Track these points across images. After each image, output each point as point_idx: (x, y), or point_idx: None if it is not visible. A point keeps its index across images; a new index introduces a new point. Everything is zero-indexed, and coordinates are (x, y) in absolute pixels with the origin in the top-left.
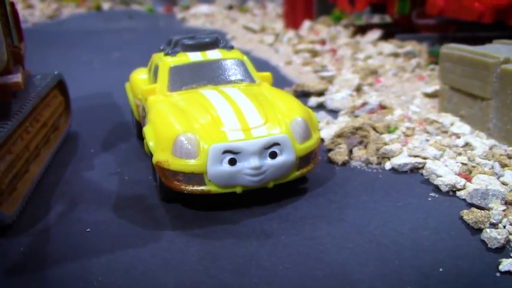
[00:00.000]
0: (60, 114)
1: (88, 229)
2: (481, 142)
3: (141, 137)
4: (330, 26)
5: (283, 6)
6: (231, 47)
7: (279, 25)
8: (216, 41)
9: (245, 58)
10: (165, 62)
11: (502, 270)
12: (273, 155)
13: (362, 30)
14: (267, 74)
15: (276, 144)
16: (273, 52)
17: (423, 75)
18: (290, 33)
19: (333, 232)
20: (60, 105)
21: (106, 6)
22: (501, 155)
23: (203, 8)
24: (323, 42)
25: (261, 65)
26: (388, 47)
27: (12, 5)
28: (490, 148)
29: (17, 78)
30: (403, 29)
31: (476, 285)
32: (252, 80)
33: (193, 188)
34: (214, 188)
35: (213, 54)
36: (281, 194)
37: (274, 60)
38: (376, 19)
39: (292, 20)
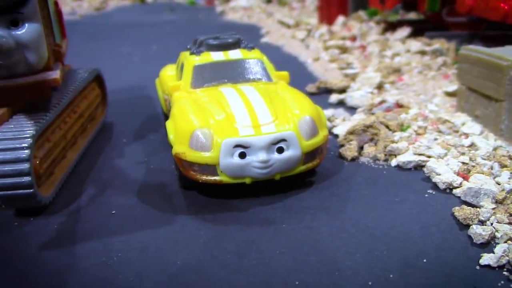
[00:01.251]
0: (97, 106)
1: (114, 211)
2: (486, 143)
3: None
4: (362, 22)
5: (318, 1)
6: (252, 47)
7: (314, 19)
8: (238, 41)
9: (264, 58)
10: (190, 60)
11: (482, 263)
12: (280, 150)
13: (393, 26)
14: (284, 73)
15: (283, 140)
16: (303, 47)
17: (448, 74)
18: (323, 29)
19: (331, 223)
20: (97, 97)
21: None
22: (503, 156)
23: (242, 2)
24: (353, 39)
25: (290, 61)
26: (416, 44)
27: (56, 4)
28: (494, 149)
29: (56, 75)
30: (435, 26)
31: (455, 276)
32: (269, 79)
33: (207, 178)
34: (226, 179)
35: (234, 54)
36: (288, 185)
37: (303, 56)
38: (411, 15)
39: (327, 15)
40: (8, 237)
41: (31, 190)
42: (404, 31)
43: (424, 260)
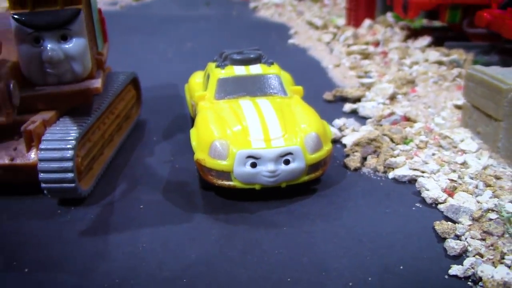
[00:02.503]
0: (132, 106)
1: (142, 206)
2: (477, 162)
3: None
4: (388, 26)
5: (346, 2)
6: (271, 63)
7: (343, 19)
8: (259, 57)
9: (282, 72)
10: (215, 73)
11: (451, 273)
12: (287, 162)
13: (415, 34)
14: (299, 88)
15: (290, 153)
16: (327, 52)
17: (462, 85)
18: (348, 32)
19: (327, 228)
20: (133, 98)
21: None
22: (489, 175)
23: None
24: (377, 44)
25: (313, 65)
26: (434, 54)
27: (100, 12)
28: (484, 168)
29: (98, 84)
30: (457, 35)
31: (426, 283)
32: (284, 94)
33: (222, 182)
34: (238, 184)
35: (255, 69)
36: (293, 192)
37: (326, 61)
38: (436, 22)
39: (354, 17)
40: (53, 223)
41: (73, 185)
42: (425, 40)
43: (401, 267)
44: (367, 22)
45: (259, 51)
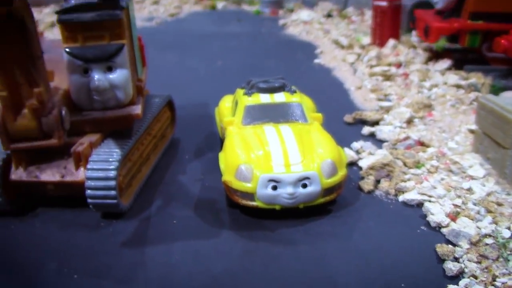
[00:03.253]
0: (167, 126)
1: (175, 221)
2: (482, 189)
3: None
4: (411, 47)
5: (372, 22)
6: (294, 91)
7: (369, 38)
8: (283, 85)
9: (304, 98)
10: (243, 100)
11: None
12: (304, 186)
13: (437, 56)
14: (318, 115)
15: (307, 178)
16: (351, 73)
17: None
18: (372, 52)
19: (338, 247)
20: (168, 119)
21: (220, 5)
22: (491, 201)
23: (303, 15)
24: (399, 65)
25: (336, 86)
26: (453, 78)
27: (139, 39)
28: (488, 194)
29: (138, 110)
30: (477, 57)
31: None
32: (305, 120)
33: (246, 202)
34: (261, 204)
35: (279, 97)
36: (310, 213)
37: (349, 82)
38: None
39: (379, 36)
40: (97, 234)
41: (115, 201)
42: (445, 63)
43: (402, 285)
44: (391, 42)
45: (283, 80)
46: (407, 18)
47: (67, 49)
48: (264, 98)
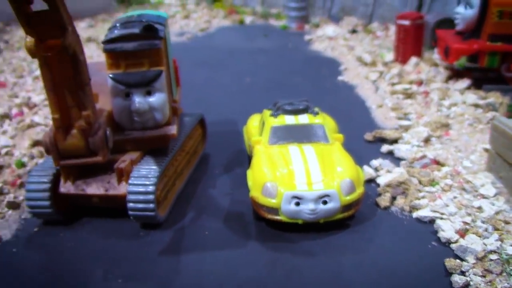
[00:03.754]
0: (198, 142)
1: (207, 232)
2: (491, 207)
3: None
4: (432, 65)
5: (395, 39)
6: (317, 113)
7: (392, 53)
8: (306, 108)
9: (327, 119)
10: (269, 121)
11: None
12: (325, 202)
13: (458, 74)
14: (339, 135)
15: (327, 195)
16: (373, 90)
17: None
18: (394, 70)
19: (355, 259)
20: (200, 136)
21: (248, 20)
22: (499, 220)
23: (329, 30)
24: (420, 83)
25: (358, 104)
26: (471, 97)
27: (174, 61)
28: (496, 213)
29: (174, 130)
30: (497, 76)
31: None
32: (326, 141)
33: (271, 216)
34: (284, 219)
35: (302, 119)
36: (330, 227)
37: (370, 100)
38: None
39: (402, 53)
40: (137, 243)
41: (154, 213)
42: (464, 82)
43: None
44: (413, 59)
45: (306, 102)
46: (430, 35)
47: (111, 75)
48: (289, 120)
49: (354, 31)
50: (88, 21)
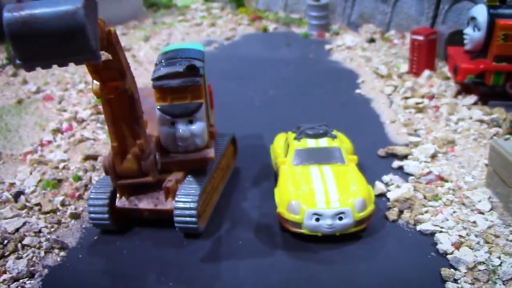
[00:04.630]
0: (231, 158)
1: (240, 242)
2: (484, 222)
3: (276, 182)
4: (444, 79)
5: (409, 51)
6: (335, 137)
7: (407, 64)
8: (326, 132)
9: (344, 140)
10: (293, 144)
11: None
12: (340, 218)
13: (466, 89)
14: (354, 157)
15: (343, 212)
16: (388, 105)
17: None
18: (408, 83)
19: (365, 267)
20: (231, 153)
21: (271, 27)
22: (490, 234)
23: (348, 39)
24: (431, 97)
25: (372, 119)
26: (477, 113)
27: (209, 86)
28: (489, 227)
29: (212, 153)
30: (503, 91)
31: None
32: (343, 162)
33: (295, 229)
34: (306, 231)
35: (322, 142)
36: (345, 238)
37: (384, 115)
38: None
39: (416, 66)
40: (182, 251)
41: (196, 226)
42: (472, 98)
43: None
44: (426, 72)
45: (326, 127)
46: (444, 46)
47: (158, 107)
48: (310, 143)
49: (372, 40)
50: (120, 28)
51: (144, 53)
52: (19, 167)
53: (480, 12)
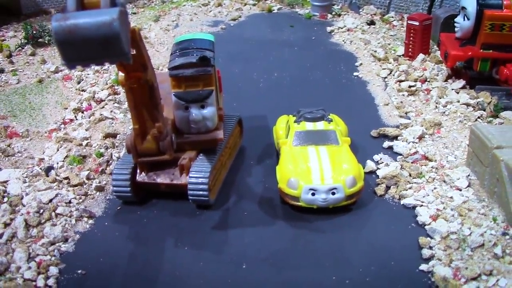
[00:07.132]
0: (237, 138)
1: (245, 213)
2: (460, 198)
3: (278, 160)
4: (437, 63)
5: (405, 35)
6: (331, 120)
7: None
8: (323, 116)
9: (340, 123)
10: (293, 127)
11: (420, 268)
12: (333, 193)
13: (456, 74)
14: (347, 139)
15: (335, 188)
16: (383, 87)
17: None
18: (403, 66)
19: (354, 236)
20: (238, 132)
21: (275, 8)
22: (464, 208)
23: (348, 21)
24: (424, 80)
25: (368, 102)
26: (464, 97)
27: (218, 72)
28: (463, 202)
29: (221, 135)
30: (491, 75)
31: (403, 272)
32: (337, 143)
33: (294, 202)
34: (303, 204)
35: (319, 125)
36: (337, 210)
37: (379, 98)
38: None
39: (412, 50)
40: (195, 220)
41: (207, 198)
42: (460, 82)
43: (392, 263)
44: (421, 56)
45: (323, 112)
46: (440, 29)
47: (174, 93)
48: (309, 126)
49: (372, 23)
50: (130, 7)
51: (155, 34)
52: (45, 144)
53: (470, 3)
